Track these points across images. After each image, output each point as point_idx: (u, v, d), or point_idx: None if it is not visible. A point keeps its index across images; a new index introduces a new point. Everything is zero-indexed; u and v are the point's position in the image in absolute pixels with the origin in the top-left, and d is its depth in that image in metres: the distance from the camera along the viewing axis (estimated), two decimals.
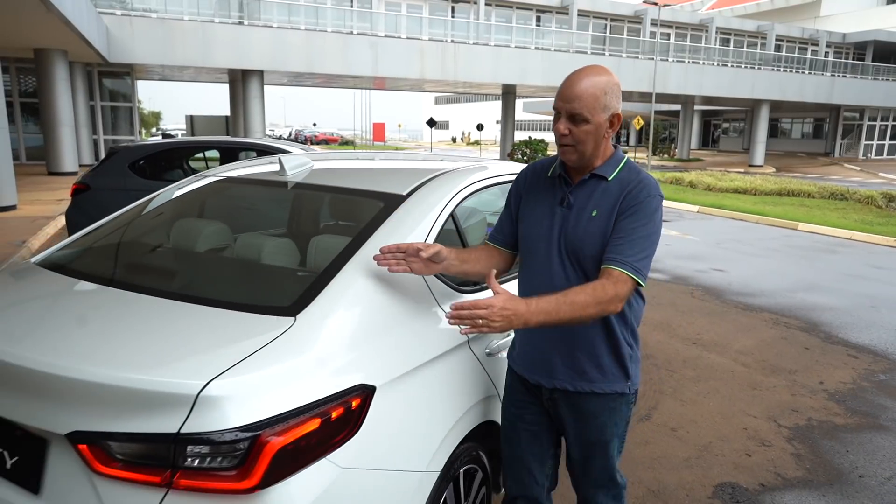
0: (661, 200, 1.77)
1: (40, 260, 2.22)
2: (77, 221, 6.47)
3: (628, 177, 1.79)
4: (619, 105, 1.76)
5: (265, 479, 1.40)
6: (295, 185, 2.42)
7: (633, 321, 1.87)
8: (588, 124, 1.72)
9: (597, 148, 1.77)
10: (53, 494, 1.50)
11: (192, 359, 1.46)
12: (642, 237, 1.71)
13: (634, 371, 1.88)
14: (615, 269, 1.68)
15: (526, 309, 1.59)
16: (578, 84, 1.71)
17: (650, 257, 1.73)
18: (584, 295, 1.65)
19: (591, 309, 1.65)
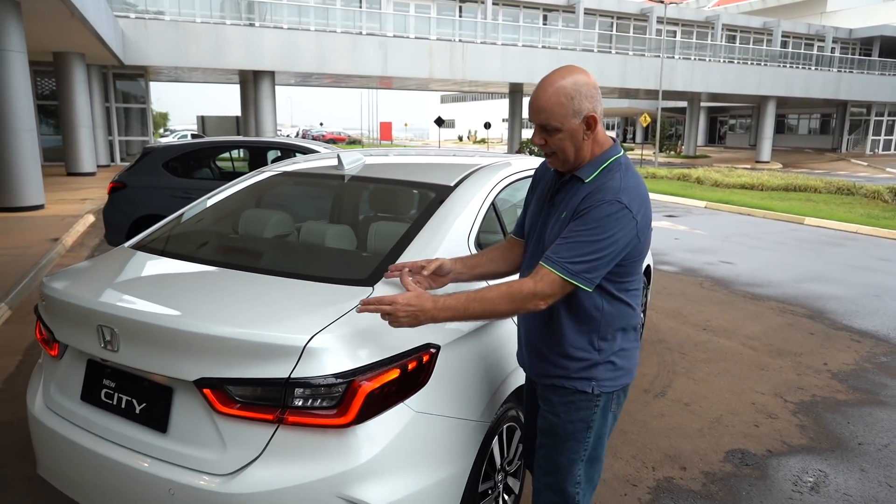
0: (621, 208, 1.68)
1: (134, 244, 2.53)
2: (114, 218, 6.81)
3: (601, 180, 1.75)
4: (593, 105, 1.72)
5: (358, 417, 1.70)
6: (352, 178, 2.72)
7: (607, 325, 1.81)
8: (560, 132, 1.72)
9: (579, 151, 1.77)
10: (179, 432, 1.81)
11: (296, 318, 1.76)
12: (583, 241, 1.67)
13: (602, 375, 1.83)
14: (543, 267, 1.68)
15: (433, 306, 1.66)
16: (543, 95, 1.71)
17: (593, 263, 1.66)
18: (496, 292, 1.69)
19: (504, 306, 1.69)
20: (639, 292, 1.88)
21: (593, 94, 1.72)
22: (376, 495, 1.74)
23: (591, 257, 1.66)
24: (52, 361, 2.16)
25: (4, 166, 10.35)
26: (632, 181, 1.75)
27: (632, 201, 1.70)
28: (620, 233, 1.68)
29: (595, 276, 1.69)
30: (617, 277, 1.78)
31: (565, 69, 1.74)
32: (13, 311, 5.49)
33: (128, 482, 1.84)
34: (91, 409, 2.00)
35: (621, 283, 1.80)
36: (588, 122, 1.73)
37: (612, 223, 1.67)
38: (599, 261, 1.67)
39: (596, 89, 1.74)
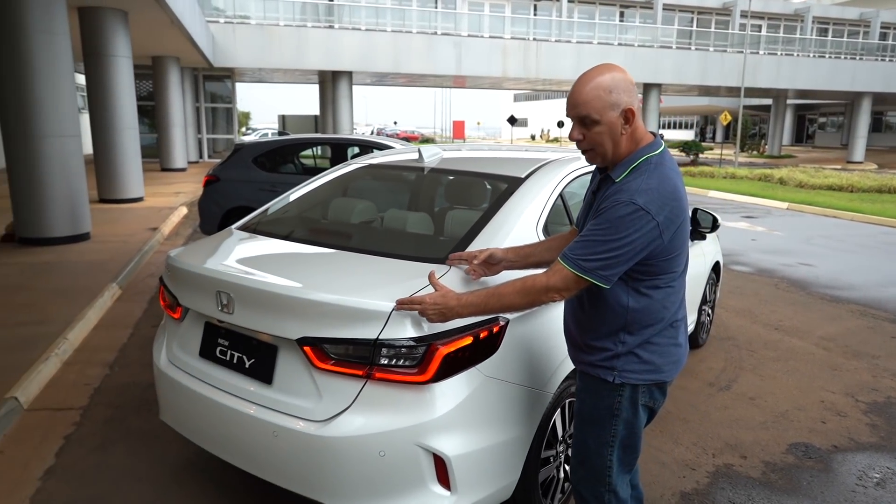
0: (636, 209, 1.70)
1: (239, 226, 2.89)
2: (208, 209, 7.39)
3: (628, 179, 1.78)
4: (630, 99, 1.76)
5: (436, 376, 1.94)
6: (431, 170, 2.98)
7: (634, 320, 1.85)
8: (599, 125, 1.77)
9: (617, 146, 1.80)
10: (282, 384, 2.12)
11: (384, 288, 2.02)
12: (596, 241, 1.72)
13: (625, 366, 1.88)
14: (558, 262, 1.78)
15: (456, 304, 1.85)
16: (581, 89, 1.77)
17: (607, 261, 1.72)
18: (512, 287, 1.83)
19: (519, 300, 1.82)
20: (675, 289, 1.89)
21: (630, 89, 1.77)
22: (449, 446, 1.98)
23: (603, 255, 1.72)
24: (175, 323, 2.53)
25: (111, 162, 11.31)
26: (654, 181, 1.75)
27: (650, 202, 1.71)
28: (637, 234, 1.70)
29: (610, 273, 1.74)
30: (643, 275, 1.82)
31: (600, 67, 1.80)
32: (123, 291, 6.11)
33: (238, 425, 2.16)
34: (207, 364, 2.34)
35: (650, 280, 1.83)
36: (626, 116, 1.77)
37: (626, 224, 1.70)
38: (613, 259, 1.72)
39: (632, 85, 1.79)
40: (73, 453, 3.15)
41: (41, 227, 7.60)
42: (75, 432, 3.36)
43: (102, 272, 6.39)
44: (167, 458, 3.10)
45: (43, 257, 6.99)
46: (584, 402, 2.00)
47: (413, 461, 1.97)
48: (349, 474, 1.98)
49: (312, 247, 2.52)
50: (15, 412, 3.48)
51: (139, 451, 3.17)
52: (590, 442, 1.99)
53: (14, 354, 4.14)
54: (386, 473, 1.97)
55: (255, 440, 2.13)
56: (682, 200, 1.81)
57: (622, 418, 1.94)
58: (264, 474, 2.15)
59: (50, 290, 5.68)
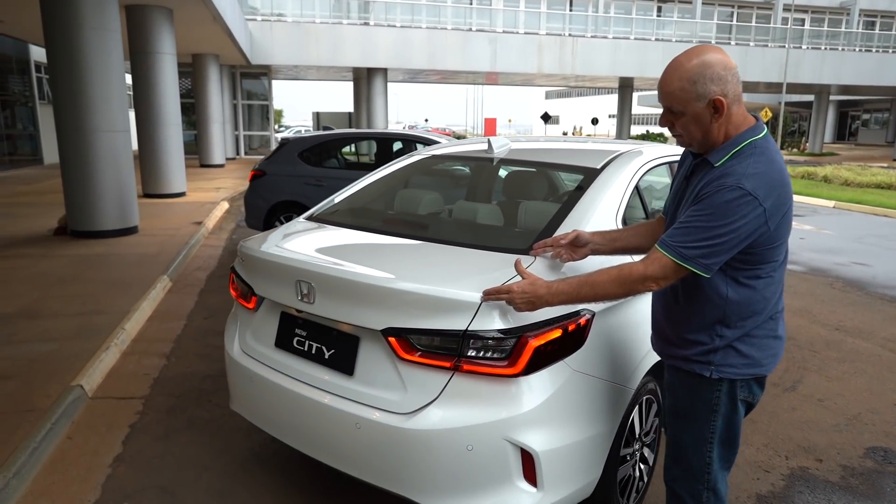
0: (742, 194, 1.62)
1: (307, 217, 2.87)
2: (254, 203, 7.46)
3: (730, 164, 1.69)
4: (722, 87, 1.67)
5: (526, 369, 1.89)
6: (501, 161, 2.92)
7: (732, 312, 1.77)
8: (684, 116, 1.72)
9: (708, 134, 1.74)
10: (364, 375, 2.09)
11: (472, 278, 1.98)
12: (699, 227, 1.65)
13: (722, 360, 1.80)
14: (657, 250, 1.71)
15: (546, 292, 1.78)
16: (666, 78, 1.72)
17: (709, 249, 1.64)
18: (607, 275, 1.75)
19: (614, 289, 1.75)
20: (775, 280, 1.80)
21: (722, 76, 1.66)
22: (537, 441, 1.92)
23: (706, 243, 1.64)
24: (248, 313, 2.52)
25: (156, 157, 11.51)
26: (762, 166, 1.66)
27: (758, 187, 1.63)
28: (742, 220, 1.62)
29: (712, 262, 1.66)
30: (744, 264, 1.73)
31: (695, 49, 1.70)
32: (173, 283, 6.19)
33: (318, 416, 2.14)
34: (284, 355, 2.32)
35: (751, 270, 1.75)
36: (715, 106, 1.68)
37: (731, 210, 1.62)
38: (716, 247, 1.64)
39: (727, 70, 1.67)
40: (138, 441, 3.18)
41: (92, 220, 7.75)
42: (139, 421, 3.39)
43: (153, 264, 6.49)
44: (231, 448, 3.11)
45: (95, 249, 7.13)
46: (679, 398, 1.93)
47: (500, 456, 1.92)
48: (434, 468, 1.94)
49: (388, 237, 2.48)
50: (81, 400, 3.53)
51: (203, 440, 3.19)
52: (687, 439, 1.92)
53: (75, 343, 4.21)
54: (472, 468, 1.93)
55: (335, 432, 2.10)
56: (789, 187, 1.73)
57: (721, 414, 1.86)
58: (344, 466, 2.13)
59: (104, 282, 5.78)
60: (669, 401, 1.98)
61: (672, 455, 1.98)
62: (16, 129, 17.57)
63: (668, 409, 1.98)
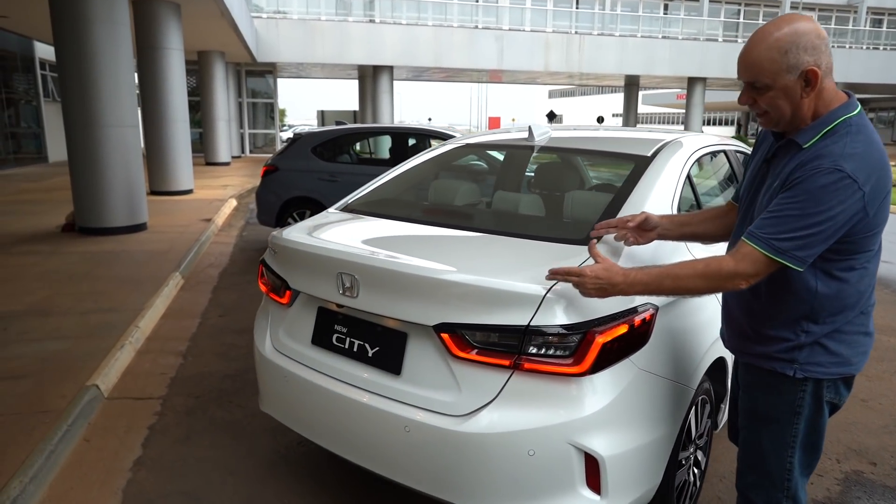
0: (842, 177, 1.48)
1: (340, 207, 2.72)
2: (266, 199, 7.31)
3: (822, 144, 1.54)
4: (815, 58, 1.52)
5: (592, 368, 1.74)
6: (542, 149, 2.77)
7: (821, 307, 1.63)
8: (771, 90, 1.56)
9: (797, 111, 1.58)
10: (413, 375, 1.94)
11: (535, 269, 1.83)
12: (791, 216, 1.50)
13: (808, 358, 1.66)
14: (746, 244, 1.55)
15: (622, 280, 1.63)
16: (752, 49, 1.56)
17: (805, 239, 1.49)
18: (692, 269, 1.60)
19: (700, 284, 1.59)
20: (869, 272, 1.65)
21: (816, 45, 1.52)
22: (603, 445, 1.78)
23: (802, 233, 1.49)
24: (281, 309, 2.37)
25: (163, 154, 11.38)
26: (861, 146, 1.52)
27: (857, 169, 1.48)
28: (840, 206, 1.48)
29: (807, 254, 1.52)
30: (837, 255, 1.59)
31: (783, 18, 1.56)
32: (185, 280, 6.05)
33: (361, 419, 1.99)
34: (322, 353, 2.18)
35: (844, 262, 1.60)
36: (807, 78, 1.53)
37: (829, 195, 1.47)
38: (812, 237, 1.50)
39: (820, 39, 1.53)
40: (159, 444, 3.03)
41: (101, 216, 7.62)
42: (158, 422, 3.25)
43: (164, 261, 6.35)
44: (257, 450, 2.97)
45: (104, 246, 6.99)
46: (757, 399, 1.78)
47: (564, 461, 1.77)
48: (491, 474, 1.79)
49: (430, 227, 2.34)
50: (97, 400, 3.39)
51: (226, 443, 3.05)
52: (765, 443, 1.76)
53: (89, 341, 4.07)
54: (532, 474, 1.78)
55: (381, 435, 1.95)
56: (889, 169, 1.58)
57: (804, 416, 1.71)
58: (391, 472, 1.98)
59: (115, 279, 5.64)
60: (745, 402, 1.82)
61: (747, 460, 1.83)
62: (20, 128, 17.45)
63: (745, 411, 1.83)
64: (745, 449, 1.83)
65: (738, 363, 2.00)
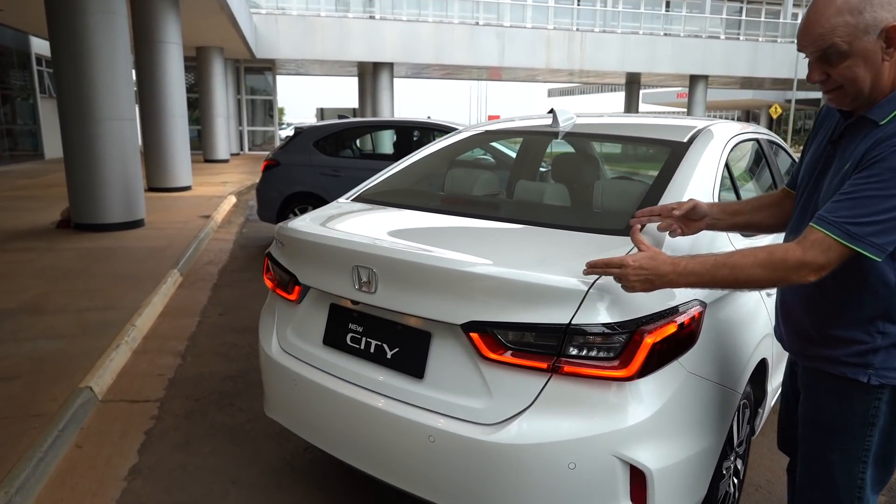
0: None
1: (353, 197, 2.54)
2: (267, 194, 7.13)
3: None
4: (893, 14, 1.34)
5: (640, 371, 1.56)
6: (567, 135, 2.59)
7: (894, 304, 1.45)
8: (847, 58, 1.38)
9: (877, 80, 1.40)
10: (437, 378, 1.75)
11: (573, 262, 1.64)
12: (870, 197, 1.34)
13: (886, 363, 1.47)
14: (815, 230, 1.37)
15: (671, 270, 1.43)
16: (819, 15, 1.38)
17: (885, 224, 1.33)
18: (752, 258, 1.40)
19: (762, 275, 1.39)
20: None
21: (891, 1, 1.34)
22: (651, 457, 1.60)
23: (881, 217, 1.32)
24: (289, 306, 2.18)
25: (160, 150, 11.17)
26: None
27: None
28: None
29: (886, 241, 1.34)
30: None
31: None
32: (184, 277, 5.86)
33: (379, 427, 1.81)
34: (335, 354, 1.99)
35: None
36: (888, 37, 1.35)
37: None
38: (893, 221, 1.33)
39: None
40: (156, 451, 2.85)
41: (97, 212, 7.42)
42: (156, 427, 3.06)
43: (162, 258, 6.15)
44: (261, 458, 2.78)
45: (101, 243, 6.80)
46: (824, 408, 1.59)
47: (607, 475, 1.59)
48: (527, 489, 1.61)
49: (452, 217, 2.15)
50: (91, 403, 3.21)
51: (228, 449, 2.86)
52: (833, 457, 1.57)
53: (83, 341, 3.88)
54: (572, 489, 1.60)
55: (402, 446, 1.77)
56: None
57: (878, 427, 1.52)
58: (412, 487, 1.79)
59: (112, 276, 5.45)
60: (809, 411, 1.63)
61: (811, 476, 1.64)
62: (16, 124, 17.22)
63: (808, 422, 1.64)
64: (809, 464, 1.64)
65: (792, 365, 1.83)
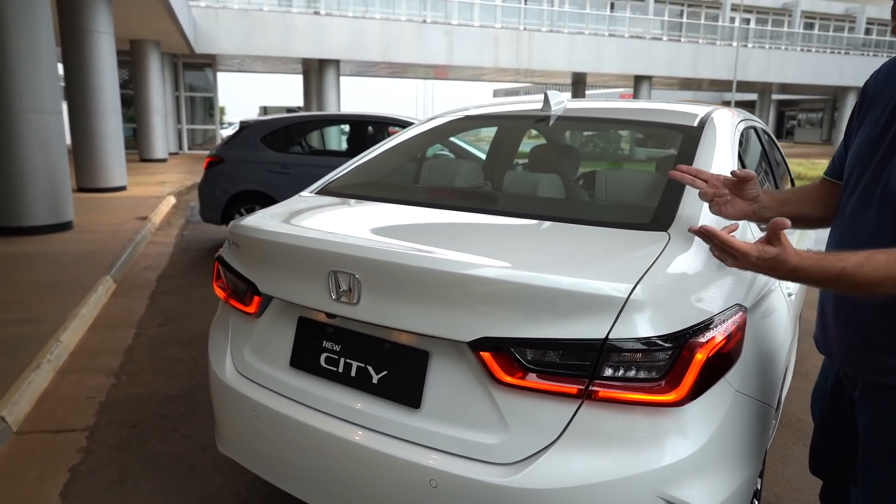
0: None
1: (317, 190, 2.18)
2: (211, 193, 6.62)
3: None
4: None
5: (691, 393, 1.28)
6: (568, 120, 2.30)
7: None
8: None
9: None
10: (438, 408, 1.43)
11: (604, 263, 1.35)
12: None
13: None
14: None
15: (797, 261, 1.18)
16: None
17: None
18: (885, 268, 1.15)
19: (890, 289, 1.17)
20: None
21: None
22: (702, 497, 1.32)
23: None
24: (246, 320, 1.81)
25: (92, 147, 10.37)
26: None
27: None
28: None
29: None
30: None
31: None
32: (118, 285, 5.32)
33: (366, 467, 1.47)
34: (305, 378, 1.64)
35: None
36: None
37: None
38: None
39: None
40: (84, 491, 2.41)
41: (18, 214, 6.73)
42: (83, 462, 2.62)
43: (93, 264, 5.58)
44: (211, 495, 2.39)
45: (23, 248, 6.15)
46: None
47: None
48: None
49: (444, 212, 1.83)
50: (3, 436, 2.73)
51: (171, 485, 2.45)
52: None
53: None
54: None
55: (396, 492, 1.43)
56: None
57: None
58: None
59: (34, 284, 4.88)
60: (872, 435, 1.38)
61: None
62: None
63: (876, 447, 1.38)
64: (879, 495, 1.39)
65: (838, 381, 1.58)
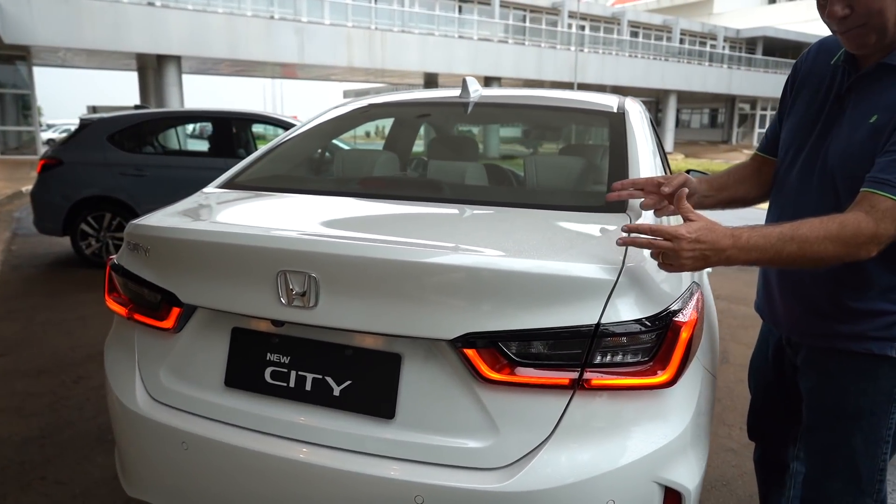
0: None
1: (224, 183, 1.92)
2: (48, 201, 5.85)
3: None
4: None
5: (678, 373, 1.27)
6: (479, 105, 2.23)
7: None
8: None
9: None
10: (414, 416, 1.29)
11: (585, 247, 1.29)
12: None
13: None
14: (884, 198, 1.21)
15: (731, 244, 1.21)
16: None
17: None
18: (822, 231, 1.22)
19: (830, 251, 1.23)
20: None
21: None
22: (688, 475, 1.32)
23: None
24: (160, 337, 1.53)
25: None
26: None
27: None
28: None
29: None
30: None
31: None
32: None
33: (337, 490, 1.29)
34: (246, 399, 1.42)
35: None
36: None
37: None
38: None
39: None
40: None
41: None
42: None
43: None
44: None
45: None
46: (847, 391, 1.44)
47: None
48: None
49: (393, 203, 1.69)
50: None
51: None
52: (856, 442, 1.43)
53: None
54: None
55: None
56: None
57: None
58: None
59: None
60: (826, 397, 1.47)
61: (825, 466, 1.49)
62: None
63: (825, 408, 1.48)
64: (826, 453, 1.48)
65: (777, 347, 1.68)
